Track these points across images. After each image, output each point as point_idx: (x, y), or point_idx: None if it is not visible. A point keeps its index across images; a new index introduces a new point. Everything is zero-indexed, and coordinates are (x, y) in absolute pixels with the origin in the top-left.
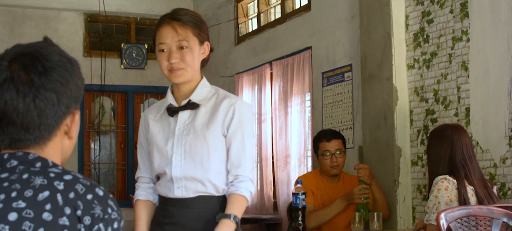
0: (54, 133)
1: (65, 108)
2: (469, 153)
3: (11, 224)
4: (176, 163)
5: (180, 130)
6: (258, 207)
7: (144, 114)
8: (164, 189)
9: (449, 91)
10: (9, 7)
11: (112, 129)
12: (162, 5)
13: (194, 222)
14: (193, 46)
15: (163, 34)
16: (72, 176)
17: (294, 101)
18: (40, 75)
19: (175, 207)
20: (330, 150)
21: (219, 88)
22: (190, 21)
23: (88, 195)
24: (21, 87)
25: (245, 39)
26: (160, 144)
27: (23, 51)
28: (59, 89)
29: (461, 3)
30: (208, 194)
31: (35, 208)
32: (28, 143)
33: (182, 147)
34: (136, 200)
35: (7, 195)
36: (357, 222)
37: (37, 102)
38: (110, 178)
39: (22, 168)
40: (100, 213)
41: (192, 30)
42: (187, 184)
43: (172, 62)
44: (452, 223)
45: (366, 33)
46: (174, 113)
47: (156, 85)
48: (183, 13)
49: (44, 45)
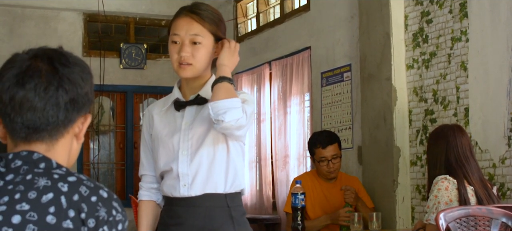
0: (67, 129)
1: (81, 106)
2: (465, 153)
3: (14, 227)
4: (182, 159)
5: (187, 125)
6: (257, 207)
7: (149, 109)
8: (169, 188)
9: (448, 92)
10: (8, 6)
11: (111, 129)
12: (161, 5)
13: (201, 221)
14: (206, 43)
15: (178, 25)
16: (76, 178)
17: (293, 101)
18: (64, 66)
19: (181, 207)
20: (327, 156)
21: None
22: (208, 17)
23: (92, 197)
24: (45, 75)
25: (244, 39)
26: (165, 139)
27: (45, 50)
28: (80, 84)
29: (460, 3)
30: (215, 191)
31: (39, 211)
32: (44, 134)
33: (188, 142)
34: (139, 200)
35: (11, 197)
36: (357, 222)
37: (60, 91)
38: (109, 178)
39: (26, 168)
40: (105, 215)
41: (209, 26)
42: (193, 181)
43: (182, 55)
44: (451, 223)
45: (365, 33)
46: (181, 108)
47: (155, 85)
48: (204, 8)
49: (61, 49)
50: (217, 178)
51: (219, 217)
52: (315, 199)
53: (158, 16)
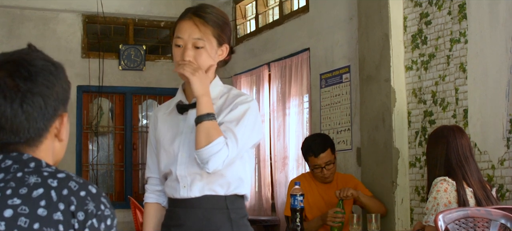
0: (44, 135)
1: (53, 111)
2: (465, 154)
3: (7, 220)
4: (181, 161)
5: (189, 128)
6: (256, 208)
7: (154, 112)
8: (171, 189)
9: (447, 93)
10: (7, 8)
11: (110, 130)
12: (160, 6)
13: (200, 222)
14: (209, 47)
15: (182, 28)
16: (65, 175)
17: (292, 102)
18: (25, 80)
19: (181, 208)
20: (320, 164)
21: (232, 87)
22: (212, 20)
23: (81, 192)
24: (8, 93)
25: (243, 40)
26: (167, 142)
27: (8, 59)
28: (45, 93)
29: (459, 4)
30: (214, 193)
31: (30, 204)
32: (19, 146)
33: (188, 145)
34: (145, 203)
35: (3, 193)
36: (356, 223)
37: (24, 107)
38: (108, 179)
39: (17, 166)
40: (93, 209)
41: (212, 29)
42: (192, 182)
43: (185, 59)
44: (450, 224)
45: (364, 34)
46: (184, 111)
47: (154, 87)
48: (209, 10)
49: (28, 51)
50: (216, 181)
51: (217, 219)
52: (312, 200)
53: (157, 17)
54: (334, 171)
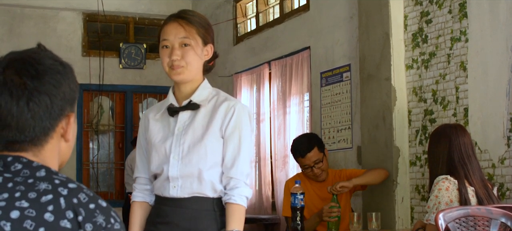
0: (50, 135)
1: (59, 111)
2: (468, 153)
3: (12, 222)
4: (173, 162)
5: (179, 130)
6: (257, 207)
7: (145, 114)
8: (160, 188)
9: (448, 92)
10: (8, 6)
11: (110, 129)
12: (161, 5)
13: (187, 222)
14: (195, 45)
15: (167, 30)
16: (76, 185)
17: (292, 101)
18: (32, 79)
19: (169, 207)
20: (309, 164)
21: (220, 90)
22: (196, 21)
23: (91, 205)
24: (14, 91)
25: (244, 39)
26: (158, 143)
27: (16, 57)
28: (52, 92)
29: (459, 3)
30: (203, 195)
31: (37, 208)
32: (24, 144)
33: (180, 147)
34: (132, 201)
35: (11, 195)
36: (356, 221)
37: (30, 105)
38: (109, 178)
39: (27, 172)
40: (103, 222)
41: (197, 29)
42: (183, 184)
43: (173, 59)
44: (450, 223)
45: (364, 33)
46: (175, 114)
47: (154, 85)
48: (190, 13)
49: (37, 50)
50: (206, 183)
51: (204, 220)
52: (309, 199)
53: (157, 16)
54: (325, 168)
